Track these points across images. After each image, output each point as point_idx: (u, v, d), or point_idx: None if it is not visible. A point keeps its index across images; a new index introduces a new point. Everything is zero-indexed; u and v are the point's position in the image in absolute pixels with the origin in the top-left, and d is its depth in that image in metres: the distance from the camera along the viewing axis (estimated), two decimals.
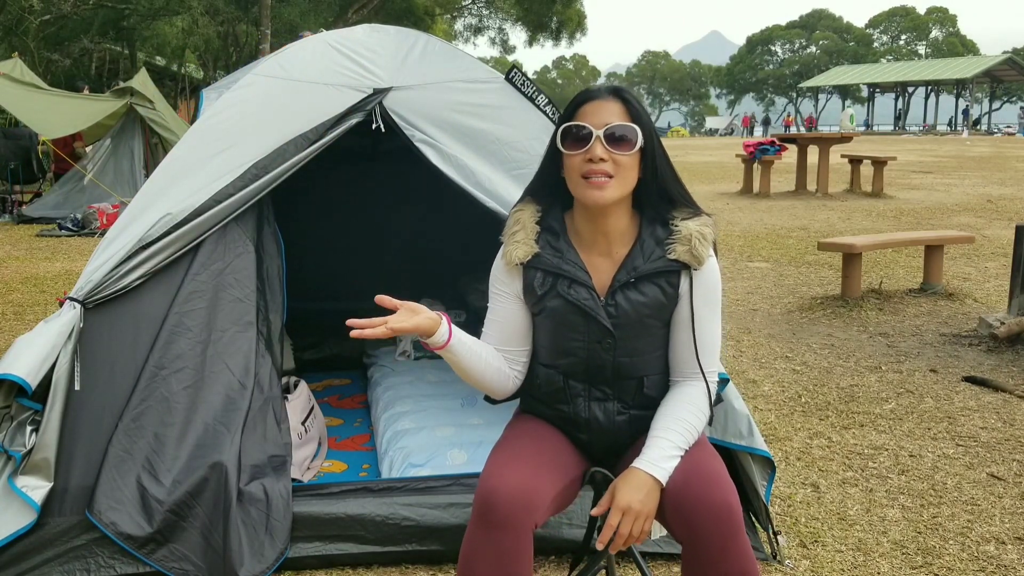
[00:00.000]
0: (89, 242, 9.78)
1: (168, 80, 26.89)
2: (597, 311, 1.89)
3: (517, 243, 1.93)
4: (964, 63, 55.11)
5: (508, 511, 1.74)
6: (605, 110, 1.85)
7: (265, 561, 2.46)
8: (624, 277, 1.89)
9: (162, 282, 2.64)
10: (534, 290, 1.92)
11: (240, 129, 2.82)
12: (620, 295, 1.89)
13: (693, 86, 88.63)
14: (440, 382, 3.97)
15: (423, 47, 3.03)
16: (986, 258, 8.16)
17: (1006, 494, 3.22)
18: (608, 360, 1.92)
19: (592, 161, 1.82)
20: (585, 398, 1.96)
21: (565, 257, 1.91)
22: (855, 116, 17.02)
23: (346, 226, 4.79)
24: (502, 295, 1.98)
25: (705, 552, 1.74)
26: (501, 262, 1.97)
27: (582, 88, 2.27)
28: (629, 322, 1.89)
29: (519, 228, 1.94)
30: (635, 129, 1.84)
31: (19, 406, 2.42)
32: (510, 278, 1.95)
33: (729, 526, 1.73)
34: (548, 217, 1.95)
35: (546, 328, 1.95)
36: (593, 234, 1.92)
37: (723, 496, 1.75)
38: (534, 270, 1.92)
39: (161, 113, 12.62)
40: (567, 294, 1.89)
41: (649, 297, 1.89)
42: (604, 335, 1.90)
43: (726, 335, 5.54)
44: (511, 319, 1.98)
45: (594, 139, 1.82)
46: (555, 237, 1.93)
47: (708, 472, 1.80)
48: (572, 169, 1.85)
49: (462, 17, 34.62)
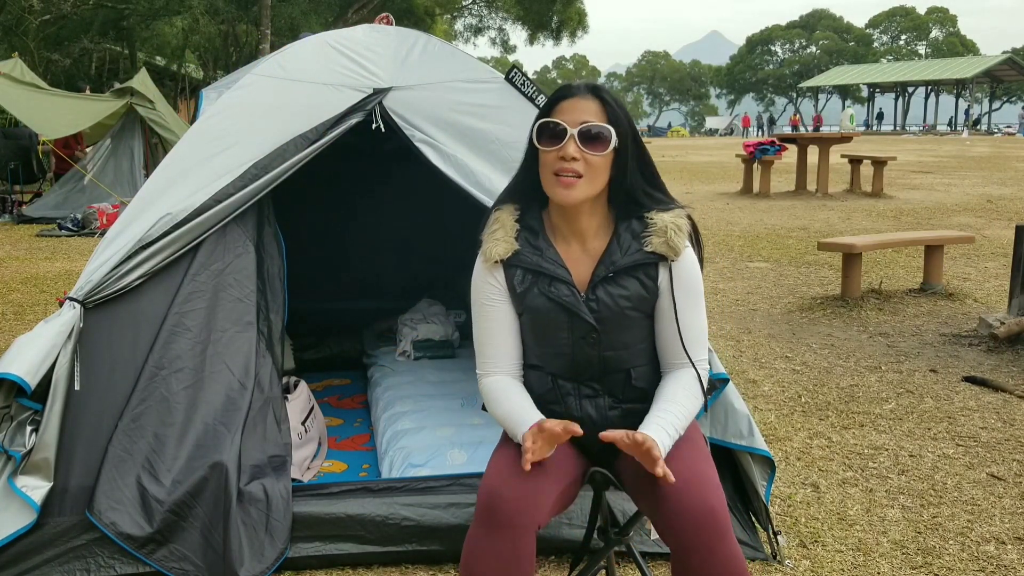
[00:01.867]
0: (89, 242, 9.78)
1: (168, 80, 26.87)
2: (579, 307, 1.90)
3: (497, 240, 1.93)
4: (964, 63, 55.11)
5: (512, 512, 1.74)
6: (582, 108, 1.86)
7: (265, 561, 2.46)
8: (603, 272, 1.91)
9: (162, 282, 2.64)
10: (514, 288, 1.93)
11: (240, 129, 2.82)
12: (600, 290, 1.90)
13: (693, 86, 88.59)
14: (440, 382, 3.97)
15: (423, 47, 3.03)
16: (986, 258, 8.16)
17: (1006, 494, 3.21)
18: (594, 355, 1.93)
19: (564, 159, 1.83)
20: (575, 396, 1.96)
21: (545, 255, 1.92)
22: (854, 116, 17.01)
23: (346, 226, 4.79)
24: (493, 302, 1.95)
25: (692, 556, 1.74)
26: (481, 264, 1.96)
27: None
28: (611, 316, 1.90)
29: (498, 227, 1.94)
30: (610, 129, 1.85)
31: (19, 406, 2.42)
32: (494, 278, 1.94)
33: (714, 530, 1.73)
34: (527, 215, 1.96)
35: (530, 327, 1.95)
36: (569, 231, 1.94)
37: (706, 500, 1.75)
38: (514, 268, 1.93)
39: (161, 113, 12.63)
40: (548, 292, 1.90)
41: (629, 290, 1.90)
42: (588, 330, 1.91)
43: (726, 335, 5.54)
44: (511, 325, 1.96)
45: (568, 137, 1.83)
46: (534, 235, 1.94)
47: (692, 476, 1.79)
48: (545, 165, 1.87)
49: (462, 17, 34.62)
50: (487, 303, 1.96)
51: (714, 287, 7.07)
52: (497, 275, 1.94)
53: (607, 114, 1.87)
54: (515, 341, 1.97)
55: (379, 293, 4.80)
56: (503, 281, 1.94)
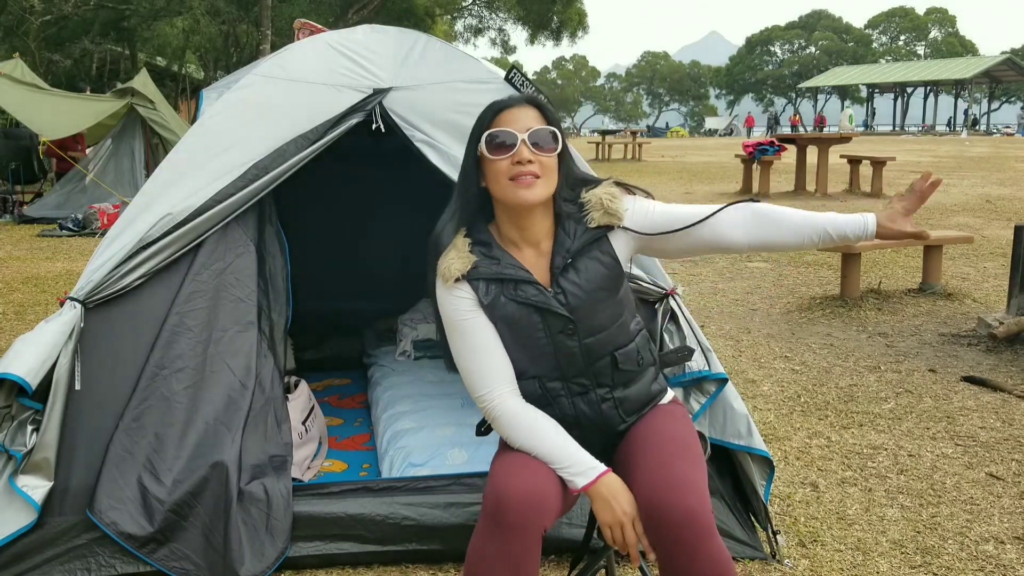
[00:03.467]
0: (90, 242, 9.79)
1: (169, 80, 26.89)
2: (549, 302, 1.91)
3: (451, 260, 1.92)
4: (963, 63, 55.13)
5: (520, 514, 1.75)
6: (524, 116, 1.92)
7: (265, 560, 2.47)
8: (560, 262, 1.93)
9: (163, 282, 2.64)
10: (480, 300, 1.92)
11: (240, 129, 2.83)
12: (563, 280, 1.92)
13: (692, 86, 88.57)
14: (440, 382, 3.98)
15: (423, 47, 3.04)
16: (985, 258, 8.17)
17: (1005, 494, 3.22)
18: (575, 346, 1.93)
19: (520, 163, 1.87)
20: (567, 396, 1.96)
21: (503, 263, 1.93)
22: (853, 116, 17.01)
23: (346, 226, 4.79)
24: (469, 315, 1.92)
25: (676, 558, 1.75)
26: (443, 286, 1.92)
27: (582, 88, 2.30)
28: (581, 303, 1.92)
29: (449, 248, 1.94)
30: (556, 132, 1.92)
31: (19, 406, 2.42)
32: (462, 291, 1.92)
33: (694, 531, 1.73)
34: (474, 231, 1.97)
35: (506, 335, 1.94)
36: (521, 238, 1.96)
37: (685, 502, 1.75)
38: (476, 280, 1.92)
39: (162, 113, 12.64)
40: (515, 296, 1.91)
41: (591, 271, 1.93)
42: (564, 324, 1.92)
43: (725, 335, 5.54)
44: (495, 334, 1.93)
45: (519, 142, 1.88)
46: (487, 247, 1.95)
47: (672, 478, 1.79)
48: (499, 173, 1.89)
49: (462, 18, 34.60)
50: (464, 319, 1.93)
51: (713, 287, 7.08)
52: (463, 289, 1.92)
53: (547, 118, 1.93)
54: (503, 350, 1.94)
55: (379, 293, 4.80)
56: (471, 293, 1.93)
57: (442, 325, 1.98)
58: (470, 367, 1.94)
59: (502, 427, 1.93)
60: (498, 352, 1.93)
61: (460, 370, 1.96)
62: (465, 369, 1.95)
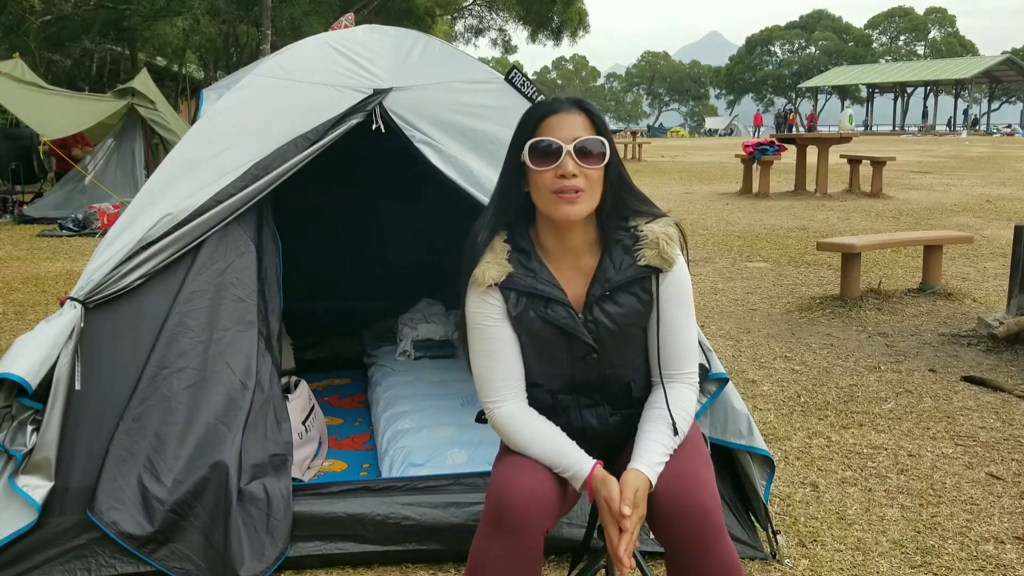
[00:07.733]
0: (90, 242, 9.79)
1: (169, 81, 26.89)
2: (577, 329, 1.87)
3: (488, 264, 1.87)
4: (963, 63, 55.12)
5: (522, 516, 1.75)
6: (571, 123, 1.82)
7: (266, 560, 2.47)
8: (599, 291, 1.87)
9: (163, 282, 2.64)
10: (509, 311, 1.88)
11: (240, 129, 2.83)
12: (597, 309, 1.87)
13: (692, 86, 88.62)
14: (440, 382, 3.98)
15: (423, 48, 3.04)
16: (985, 258, 8.17)
17: (1005, 493, 3.22)
18: (593, 373, 1.92)
19: (564, 177, 1.79)
20: (576, 407, 1.96)
21: (539, 276, 1.87)
22: (853, 116, 17.02)
23: (346, 226, 4.79)
24: (494, 322, 1.89)
25: (685, 555, 1.75)
26: (474, 289, 1.88)
27: (582, 88, 2.28)
28: (610, 335, 1.88)
29: (488, 250, 1.89)
30: (603, 142, 1.82)
31: (20, 406, 2.42)
32: (492, 299, 1.88)
33: (706, 529, 1.73)
34: (515, 236, 1.91)
35: (528, 348, 1.92)
36: (561, 249, 1.90)
37: (699, 498, 1.75)
38: (508, 290, 1.87)
39: (162, 113, 12.64)
40: (544, 314, 1.87)
41: (626, 307, 1.88)
42: (587, 351, 1.89)
43: (725, 335, 5.54)
44: (515, 344, 1.91)
45: (564, 154, 1.79)
46: (526, 256, 1.89)
47: (686, 475, 1.80)
48: (542, 186, 1.82)
49: (463, 18, 34.60)
50: (488, 324, 1.89)
51: (713, 287, 7.08)
52: (494, 296, 1.88)
53: (595, 126, 1.84)
54: (520, 361, 1.92)
55: (379, 293, 4.80)
56: (501, 302, 1.88)
57: (465, 321, 1.95)
58: (483, 372, 1.93)
59: (504, 435, 1.93)
60: (514, 362, 1.91)
61: (473, 370, 1.95)
62: (478, 372, 1.94)
